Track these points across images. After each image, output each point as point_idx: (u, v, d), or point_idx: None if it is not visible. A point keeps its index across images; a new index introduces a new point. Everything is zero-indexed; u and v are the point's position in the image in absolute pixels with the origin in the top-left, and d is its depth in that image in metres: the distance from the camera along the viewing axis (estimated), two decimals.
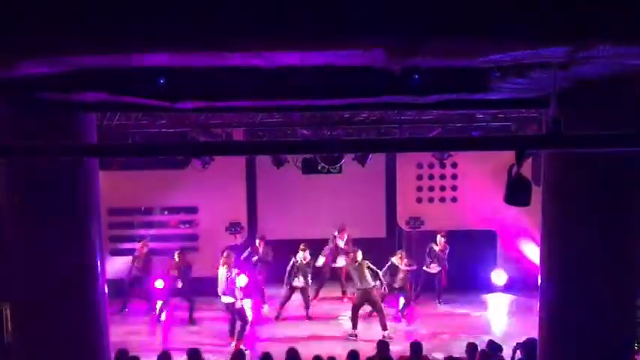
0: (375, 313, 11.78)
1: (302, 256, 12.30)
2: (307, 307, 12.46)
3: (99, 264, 7.34)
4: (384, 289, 11.91)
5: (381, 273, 11.83)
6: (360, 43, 2.93)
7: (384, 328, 11.29)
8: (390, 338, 10.77)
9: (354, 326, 11.46)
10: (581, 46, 2.86)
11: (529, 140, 5.37)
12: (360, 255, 11.77)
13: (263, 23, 2.78)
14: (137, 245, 13.27)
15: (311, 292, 12.69)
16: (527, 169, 10.85)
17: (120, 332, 11.04)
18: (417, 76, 4.44)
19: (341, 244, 13.41)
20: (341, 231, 13.44)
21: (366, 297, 11.48)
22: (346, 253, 12.78)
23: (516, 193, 4.71)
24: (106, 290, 7.84)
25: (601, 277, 6.77)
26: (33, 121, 6.35)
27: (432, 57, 3.52)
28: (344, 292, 13.49)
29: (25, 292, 7.03)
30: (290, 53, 3.56)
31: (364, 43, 2.92)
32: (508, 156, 5.11)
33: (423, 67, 4.22)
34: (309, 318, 12.42)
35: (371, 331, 11.46)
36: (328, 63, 3.85)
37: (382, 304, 11.67)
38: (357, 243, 13.11)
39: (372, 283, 11.50)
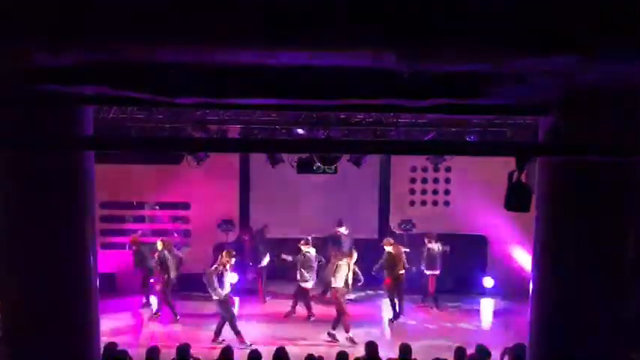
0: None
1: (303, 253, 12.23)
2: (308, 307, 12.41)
3: (92, 258, 7.31)
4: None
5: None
6: (371, 45, 2.94)
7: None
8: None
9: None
10: (592, 56, 2.89)
11: (530, 147, 5.41)
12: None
13: (278, 24, 2.79)
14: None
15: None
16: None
17: (110, 326, 11.03)
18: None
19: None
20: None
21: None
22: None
23: (517, 198, 4.74)
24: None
25: (593, 284, 6.82)
26: (29, 112, 6.31)
27: (443, 62, 3.53)
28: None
29: (17, 285, 6.98)
30: (303, 53, 3.57)
31: (376, 45, 2.94)
32: (502, 162, 5.14)
33: (432, 70, 4.24)
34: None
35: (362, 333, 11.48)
36: (337, 64, 3.86)
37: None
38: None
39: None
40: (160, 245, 12.28)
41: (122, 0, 2.77)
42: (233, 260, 11.32)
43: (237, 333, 10.98)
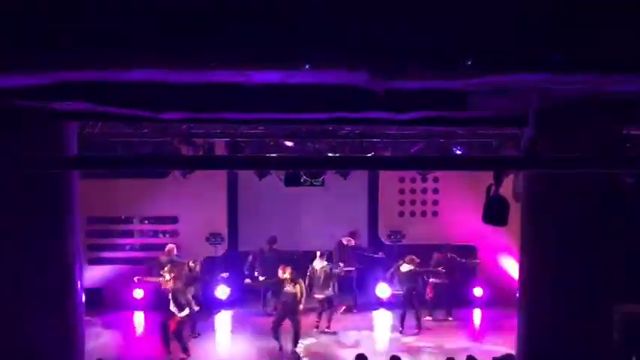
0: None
1: (316, 264, 12.05)
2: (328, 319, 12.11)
3: (76, 274, 7.27)
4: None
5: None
6: (341, 64, 2.96)
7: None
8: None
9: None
10: (560, 73, 2.92)
11: (506, 161, 5.44)
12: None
13: (247, 43, 2.81)
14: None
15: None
16: (507, 185, 11.01)
17: (98, 342, 10.95)
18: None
19: None
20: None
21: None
22: None
23: (494, 212, 4.77)
24: (84, 299, 7.79)
25: (578, 294, 6.85)
26: (10, 129, 6.28)
27: (415, 80, 3.56)
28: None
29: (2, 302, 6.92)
30: (272, 72, 3.59)
31: (346, 65, 2.96)
32: (490, 172, 5.17)
33: (406, 88, 4.27)
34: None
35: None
36: (310, 82, 3.89)
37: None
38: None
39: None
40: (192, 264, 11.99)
41: (98, 23, 2.79)
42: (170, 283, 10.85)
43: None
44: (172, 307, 10.56)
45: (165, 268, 11.10)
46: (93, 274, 12.96)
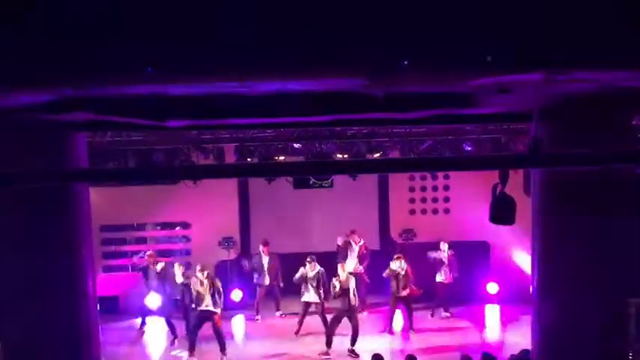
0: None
1: (308, 268, 11.89)
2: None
3: (90, 284, 7.32)
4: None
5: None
6: (338, 71, 2.97)
7: None
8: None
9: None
10: (553, 72, 2.91)
11: (511, 160, 5.42)
12: None
13: (244, 55, 2.83)
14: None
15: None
16: (518, 180, 10.93)
17: (114, 350, 11.00)
18: None
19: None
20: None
21: None
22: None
23: (501, 212, 4.75)
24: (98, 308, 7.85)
25: (592, 287, 6.81)
26: (20, 142, 6.33)
27: (412, 84, 3.57)
28: None
29: (16, 312, 6.98)
30: (271, 82, 3.61)
31: (343, 71, 2.97)
32: None
33: (405, 91, 4.27)
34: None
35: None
36: (309, 90, 3.90)
37: None
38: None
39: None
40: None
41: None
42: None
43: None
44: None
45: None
46: (108, 282, 13.06)
